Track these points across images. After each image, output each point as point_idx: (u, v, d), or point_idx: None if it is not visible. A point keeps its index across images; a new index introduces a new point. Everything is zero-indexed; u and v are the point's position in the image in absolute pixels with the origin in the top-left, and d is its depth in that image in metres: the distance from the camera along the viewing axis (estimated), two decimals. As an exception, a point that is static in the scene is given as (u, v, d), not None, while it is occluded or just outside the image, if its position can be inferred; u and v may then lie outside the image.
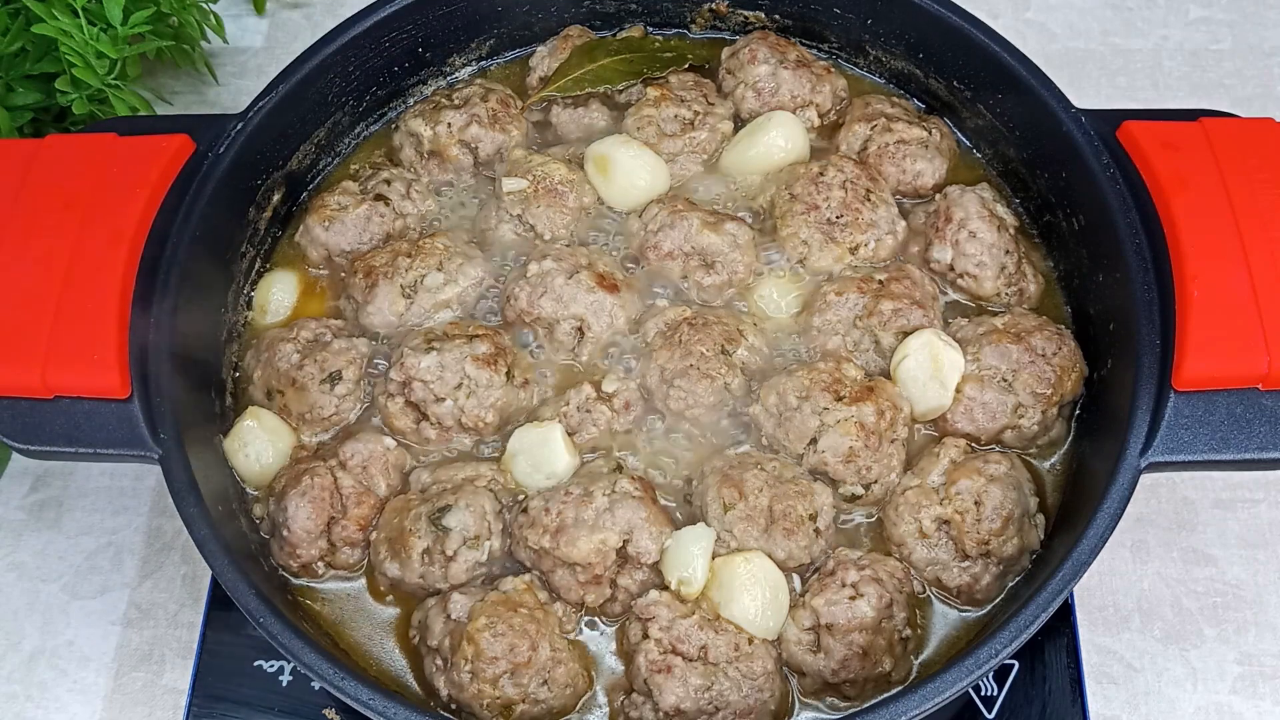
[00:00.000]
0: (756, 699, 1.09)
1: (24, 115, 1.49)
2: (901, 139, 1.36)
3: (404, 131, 1.41)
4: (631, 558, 1.13)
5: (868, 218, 1.30)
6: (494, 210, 1.34)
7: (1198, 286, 1.12)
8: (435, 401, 1.20)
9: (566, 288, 1.25)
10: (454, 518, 1.14)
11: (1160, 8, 1.80)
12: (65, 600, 1.40)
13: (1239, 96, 1.71)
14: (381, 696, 1.02)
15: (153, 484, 1.47)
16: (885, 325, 1.24)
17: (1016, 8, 1.80)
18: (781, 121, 1.37)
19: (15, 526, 1.45)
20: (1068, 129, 1.25)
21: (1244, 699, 1.32)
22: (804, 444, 1.18)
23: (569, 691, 1.11)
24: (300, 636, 1.04)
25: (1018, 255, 1.30)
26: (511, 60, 1.50)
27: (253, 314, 1.34)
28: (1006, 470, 1.18)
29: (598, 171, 1.34)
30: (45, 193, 1.18)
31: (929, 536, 1.16)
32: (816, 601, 1.12)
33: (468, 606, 1.10)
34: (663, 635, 1.09)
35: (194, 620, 1.37)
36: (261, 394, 1.26)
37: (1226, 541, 1.41)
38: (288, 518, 1.16)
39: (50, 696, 1.35)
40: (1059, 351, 1.22)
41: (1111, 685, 1.33)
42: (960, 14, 1.34)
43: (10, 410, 1.13)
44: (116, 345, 1.12)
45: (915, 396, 1.21)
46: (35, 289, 1.14)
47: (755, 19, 1.47)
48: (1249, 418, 1.10)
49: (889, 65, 1.45)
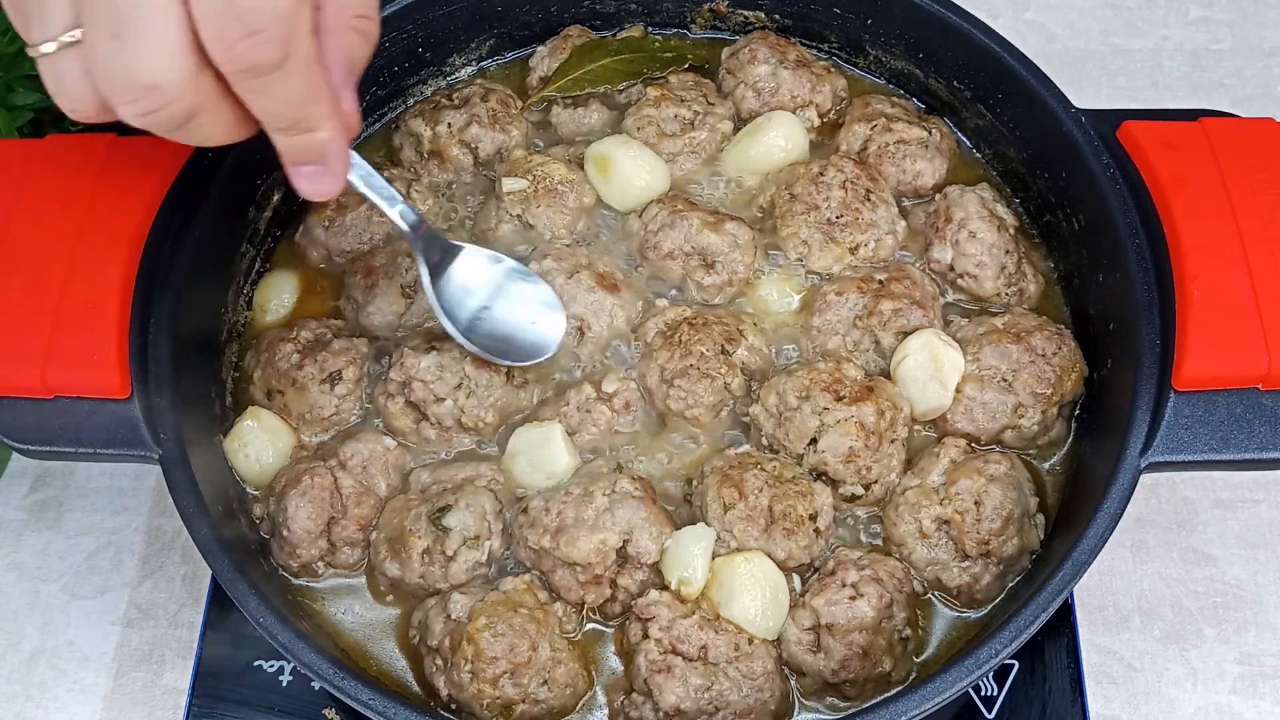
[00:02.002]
0: (756, 699, 1.09)
1: (24, 115, 1.48)
2: (901, 139, 1.36)
3: (404, 131, 1.41)
4: (631, 558, 1.13)
5: (868, 218, 1.30)
6: (494, 210, 1.34)
7: (1198, 286, 1.12)
8: (435, 401, 1.20)
9: (566, 287, 1.24)
10: (454, 518, 1.14)
11: (1160, 8, 1.80)
12: (65, 600, 1.40)
13: (1239, 96, 1.71)
14: (381, 696, 1.02)
15: (153, 484, 1.47)
16: (885, 325, 1.24)
17: (1016, 8, 1.80)
18: (781, 121, 1.37)
19: (15, 526, 1.45)
20: (1068, 129, 1.25)
21: (1244, 699, 1.32)
22: (804, 444, 1.18)
23: (569, 691, 1.11)
24: (300, 636, 1.04)
25: (1018, 255, 1.30)
26: (511, 60, 1.50)
27: (253, 314, 1.34)
28: (1006, 470, 1.18)
29: (598, 171, 1.34)
30: (45, 193, 1.18)
31: (929, 536, 1.16)
32: (816, 601, 1.12)
33: (468, 606, 1.10)
34: (663, 635, 1.09)
35: (194, 620, 1.37)
36: (261, 394, 1.26)
37: (1226, 541, 1.41)
38: (288, 518, 1.16)
39: (50, 696, 1.35)
40: (1059, 351, 1.22)
41: (1111, 685, 1.33)
42: (960, 14, 1.34)
43: (10, 410, 1.13)
44: (116, 345, 1.12)
45: (915, 396, 1.21)
46: (35, 289, 1.13)
47: (755, 19, 1.47)
48: (1249, 418, 1.10)
49: (889, 65, 1.45)
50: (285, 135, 0.93)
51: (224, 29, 0.81)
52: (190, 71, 0.83)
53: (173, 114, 0.85)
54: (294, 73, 0.86)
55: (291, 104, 0.89)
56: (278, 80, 0.85)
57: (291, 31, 0.83)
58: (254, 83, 0.85)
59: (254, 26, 0.81)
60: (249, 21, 0.81)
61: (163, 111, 0.85)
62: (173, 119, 0.85)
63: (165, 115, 0.85)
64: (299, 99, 0.89)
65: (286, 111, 0.90)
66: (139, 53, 0.82)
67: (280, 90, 0.87)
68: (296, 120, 0.91)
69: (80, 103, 0.88)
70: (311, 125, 0.92)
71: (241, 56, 0.82)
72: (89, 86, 0.87)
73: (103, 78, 0.85)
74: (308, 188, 1.00)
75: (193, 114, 0.85)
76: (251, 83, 0.85)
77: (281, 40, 0.83)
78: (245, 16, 0.81)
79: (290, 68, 0.85)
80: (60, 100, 0.89)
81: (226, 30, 0.81)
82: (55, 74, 0.88)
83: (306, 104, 0.90)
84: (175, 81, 0.83)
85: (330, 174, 0.99)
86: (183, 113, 0.85)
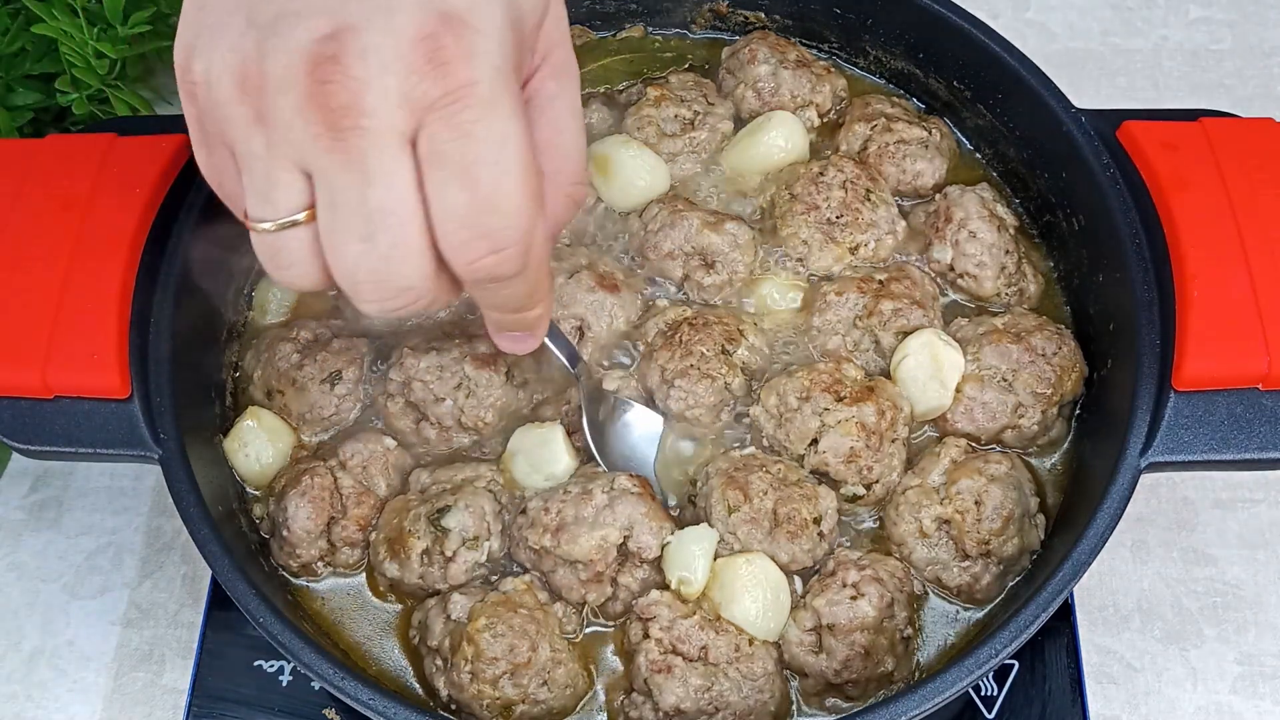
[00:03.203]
0: (756, 700, 1.09)
1: (24, 115, 1.49)
2: (901, 139, 1.36)
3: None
4: (632, 554, 1.13)
5: (868, 218, 1.30)
6: (494, 210, 1.33)
7: (1198, 286, 1.12)
8: (435, 401, 1.20)
9: (566, 288, 1.25)
10: (453, 518, 1.14)
11: (1160, 8, 1.80)
12: (65, 600, 1.40)
13: (1239, 96, 1.71)
14: (381, 696, 1.02)
15: (153, 484, 1.46)
16: (885, 325, 1.24)
17: (1016, 8, 1.80)
18: (781, 121, 1.37)
19: (15, 526, 1.45)
20: (1068, 129, 1.25)
21: (1244, 699, 1.32)
22: (805, 444, 1.18)
23: (569, 692, 1.11)
24: (300, 636, 1.04)
25: (1018, 255, 1.30)
26: (511, 60, 1.50)
27: (253, 314, 1.34)
28: (1007, 470, 1.18)
29: (598, 171, 1.34)
30: (45, 193, 1.18)
31: (929, 536, 1.16)
32: (818, 602, 1.12)
33: (468, 607, 1.10)
34: (663, 635, 1.09)
35: (194, 620, 1.37)
36: (261, 394, 1.26)
37: (1226, 541, 1.41)
38: (288, 518, 1.16)
39: (50, 696, 1.35)
40: (1059, 351, 1.22)
41: (1111, 685, 1.33)
42: (960, 14, 1.34)
43: (10, 410, 1.13)
44: (116, 345, 1.12)
45: (915, 396, 1.21)
46: (35, 289, 1.13)
47: (755, 19, 1.47)
48: (1249, 418, 1.10)
49: (889, 65, 1.45)
50: (502, 314, 0.95)
51: (468, 244, 0.81)
52: (434, 272, 0.83)
53: (414, 309, 0.85)
54: (529, 279, 0.86)
55: (520, 299, 0.90)
56: (513, 284, 0.86)
57: (530, 243, 0.83)
58: (491, 286, 0.86)
59: (499, 245, 0.81)
60: (495, 241, 0.81)
61: (406, 308, 0.85)
62: (410, 311, 0.86)
63: (406, 310, 0.85)
64: (528, 294, 0.90)
65: (513, 304, 0.91)
66: (392, 259, 0.81)
67: (513, 290, 0.87)
68: (520, 305, 0.92)
69: (303, 279, 0.87)
70: (531, 306, 0.93)
71: (483, 269, 0.82)
72: (318, 269, 0.85)
73: (345, 274, 0.83)
74: (509, 348, 1.03)
75: (431, 306, 0.86)
76: (490, 287, 0.86)
77: (521, 254, 0.83)
78: (491, 235, 0.80)
79: (526, 275, 0.85)
80: (275, 273, 0.87)
81: (471, 246, 0.81)
82: (275, 250, 0.86)
83: (533, 296, 0.91)
84: (423, 283, 0.83)
85: (533, 339, 1.02)
86: (423, 306, 0.85)
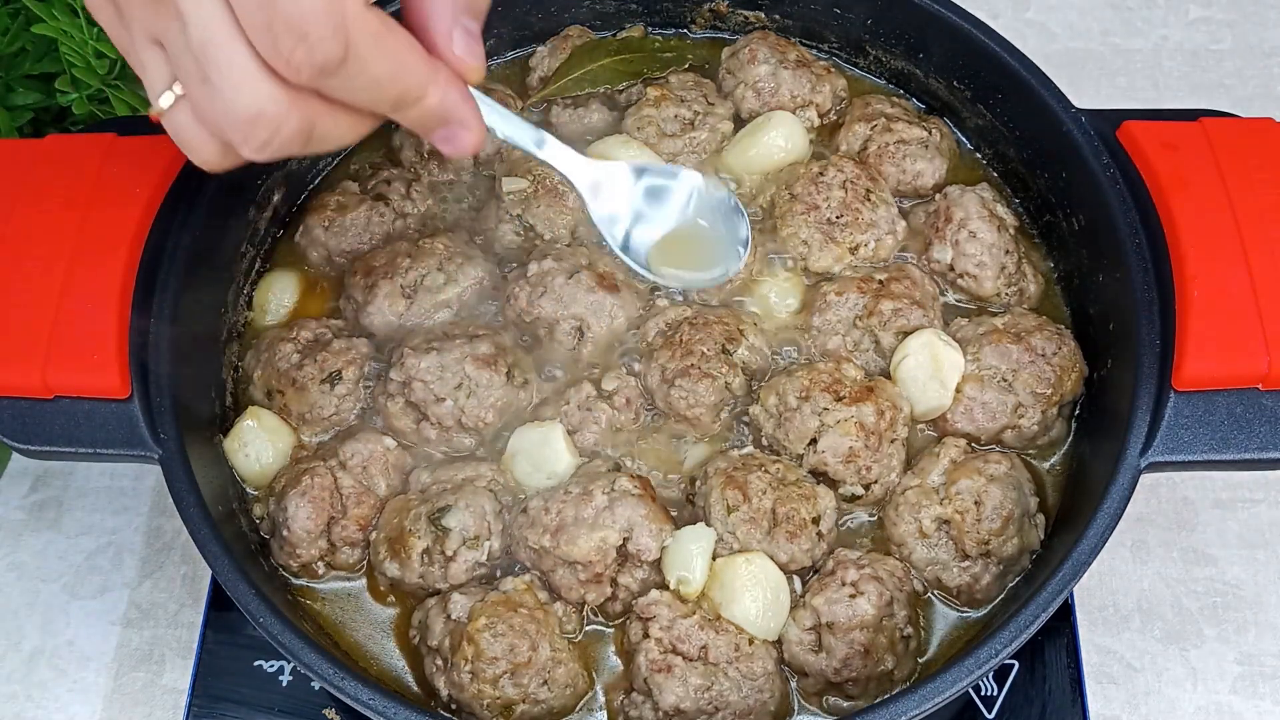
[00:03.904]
0: (756, 699, 1.09)
1: (24, 115, 1.48)
2: (901, 139, 1.36)
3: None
4: (632, 555, 1.13)
5: (868, 218, 1.30)
6: (494, 210, 1.34)
7: (1198, 286, 1.12)
8: (435, 401, 1.20)
9: (566, 287, 1.24)
10: (454, 518, 1.14)
11: (1160, 8, 1.80)
12: (65, 600, 1.40)
13: (1239, 96, 1.71)
14: (381, 696, 1.02)
15: (153, 484, 1.47)
16: (885, 325, 1.24)
17: (1016, 8, 1.80)
18: (781, 121, 1.37)
19: (15, 526, 1.45)
20: (1068, 129, 1.25)
21: (1244, 699, 1.32)
22: (804, 444, 1.18)
23: (569, 691, 1.11)
24: (300, 636, 1.04)
25: (1018, 255, 1.30)
26: (511, 60, 1.50)
27: (253, 314, 1.34)
28: (1006, 470, 1.18)
29: (598, 171, 1.34)
30: (45, 193, 1.18)
31: (929, 536, 1.16)
32: (817, 601, 1.12)
33: (468, 607, 1.10)
34: (663, 635, 1.09)
35: (194, 620, 1.37)
36: (261, 394, 1.26)
37: (1226, 541, 1.41)
38: (288, 518, 1.16)
39: (50, 696, 1.35)
40: (1059, 351, 1.22)
41: (1111, 685, 1.33)
42: (960, 14, 1.34)
43: (10, 410, 1.13)
44: (116, 345, 1.12)
45: (915, 396, 1.21)
46: (35, 289, 1.13)
47: (755, 19, 1.47)
48: (1249, 418, 1.10)
49: (889, 65, 1.45)
50: (399, 113, 0.87)
51: (275, 43, 0.78)
52: (283, 90, 0.80)
53: (290, 134, 0.82)
54: (365, 57, 0.81)
55: (382, 85, 0.83)
56: (354, 71, 0.80)
57: (340, 20, 0.78)
58: (333, 82, 0.81)
59: (302, 30, 0.77)
60: (294, 28, 0.77)
61: (280, 135, 0.82)
62: (293, 139, 0.82)
63: (284, 137, 0.82)
64: (386, 78, 0.83)
65: (381, 94, 0.84)
66: (229, 88, 0.79)
67: (361, 78, 0.82)
68: (398, 97, 0.85)
69: (204, 152, 0.86)
70: (416, 95, 0.86)
71: (303, 64, 0.78)
72: (205, 134, 0.85)
73: (211, 123, 0.83)
74: (447, 150, 0.93)
75: (309, 128, 0.82)
76: (330, 82, 0.81)
77: (333, 34, 0.78)
78: (292, 25, 0.77)
79: (358, 54, 0.80)
80: (191, 155, 0.87)
81: (278, 44, 0.78)
82: (176, 130, 0.86)
83: (397, 79, 0.84)
84: (273, 104, 0.80)
85: (463, 130, 0.92)
86: (299, 130, 0.82)
